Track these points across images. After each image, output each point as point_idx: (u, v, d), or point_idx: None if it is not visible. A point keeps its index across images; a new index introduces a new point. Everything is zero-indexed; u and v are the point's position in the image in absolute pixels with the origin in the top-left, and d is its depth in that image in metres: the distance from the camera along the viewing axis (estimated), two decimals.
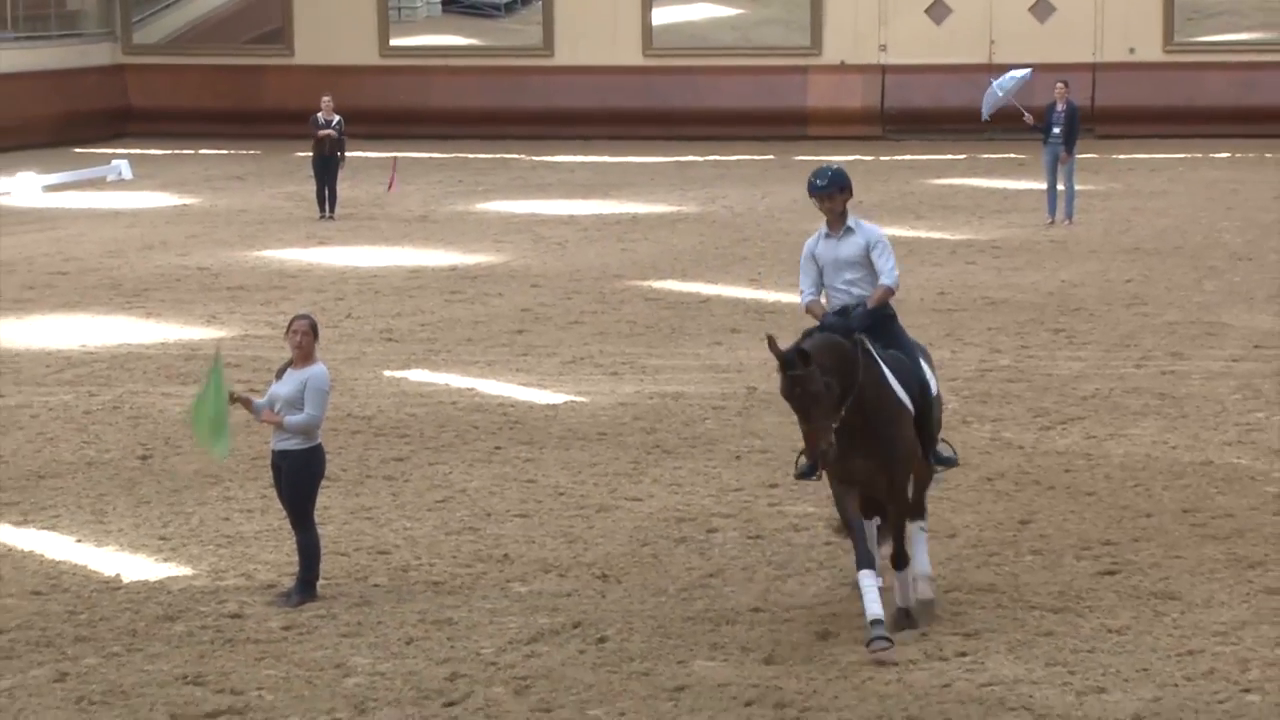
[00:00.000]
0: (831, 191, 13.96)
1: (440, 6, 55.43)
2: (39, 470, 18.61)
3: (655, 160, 46.84)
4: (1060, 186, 35.03)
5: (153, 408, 21.18)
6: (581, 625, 14.04)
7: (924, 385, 13.86)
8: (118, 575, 15.34)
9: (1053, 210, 35.09)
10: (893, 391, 13.56)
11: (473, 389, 22.05)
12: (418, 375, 22.85)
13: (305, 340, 14.53)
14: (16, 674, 13.18)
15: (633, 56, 52.45)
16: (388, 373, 22.89)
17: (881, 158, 47.08)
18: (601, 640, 13.75)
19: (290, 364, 14.64)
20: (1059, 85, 35.52)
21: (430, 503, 17.39)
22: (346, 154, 36.88)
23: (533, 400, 21.50)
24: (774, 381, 22.21)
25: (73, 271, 30.97)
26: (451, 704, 12.60)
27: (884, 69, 51.41)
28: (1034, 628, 13.92)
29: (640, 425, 20.26)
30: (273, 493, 15.34)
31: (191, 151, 49.66)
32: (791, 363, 13.11)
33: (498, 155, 47.96)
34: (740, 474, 18.28)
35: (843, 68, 51.62)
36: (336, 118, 36.51)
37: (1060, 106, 34.95)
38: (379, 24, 53.80)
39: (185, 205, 39.81)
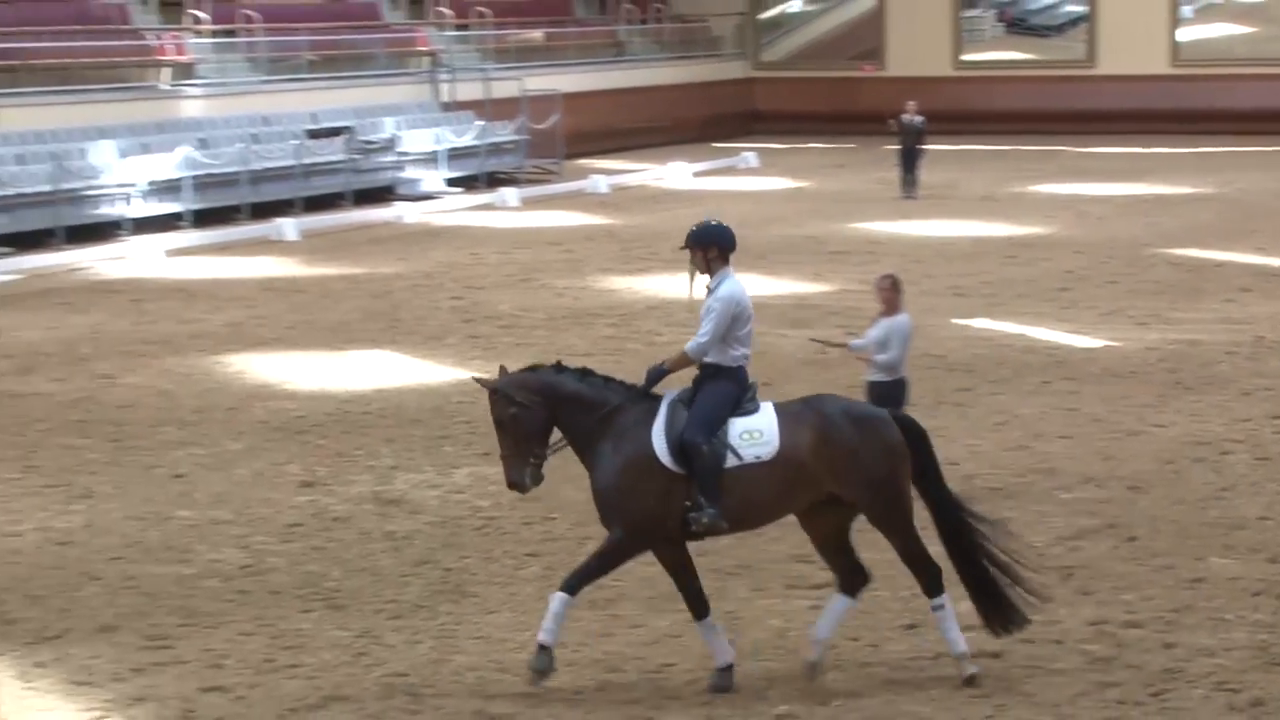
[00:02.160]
0: (689, 245, 10.92)
1: (1004, 28, 54.82)
2: None
3: (1178, 151, 45.31)
4: None
5: (772, 346, 21.38)
6: (1115, 526, 13.65)
7: (688, 446, 10.14)
8: None
9: None
10: (641, 442, 10.22)
11: (1024, 334, 21.67)
12: (980, 323, 22.56)
13: (889, 296, 14.43)
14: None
15: (1162, 67, 51.02)
16: (956, 320, 22.68)
17: None
18: (1131, 539, 13.35)
19: (881, 313, 14.59)
20: None
21: (990, 425, 17.14)
22: (926, 147, 36.61)
23: (1074, 344, 21.02)
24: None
25: None
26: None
27: None
28: None
29: (1164, 366, 19.63)
30: None
31: (804, 145, 50.01)
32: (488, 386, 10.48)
33: (1047, 148, 47.02)
34: (1249, 407, 17.53)
35: None
36: (920, 117, 36.25)
37: None
38: (953, 43, 53.50)
39: (799, 187, 40.11)
